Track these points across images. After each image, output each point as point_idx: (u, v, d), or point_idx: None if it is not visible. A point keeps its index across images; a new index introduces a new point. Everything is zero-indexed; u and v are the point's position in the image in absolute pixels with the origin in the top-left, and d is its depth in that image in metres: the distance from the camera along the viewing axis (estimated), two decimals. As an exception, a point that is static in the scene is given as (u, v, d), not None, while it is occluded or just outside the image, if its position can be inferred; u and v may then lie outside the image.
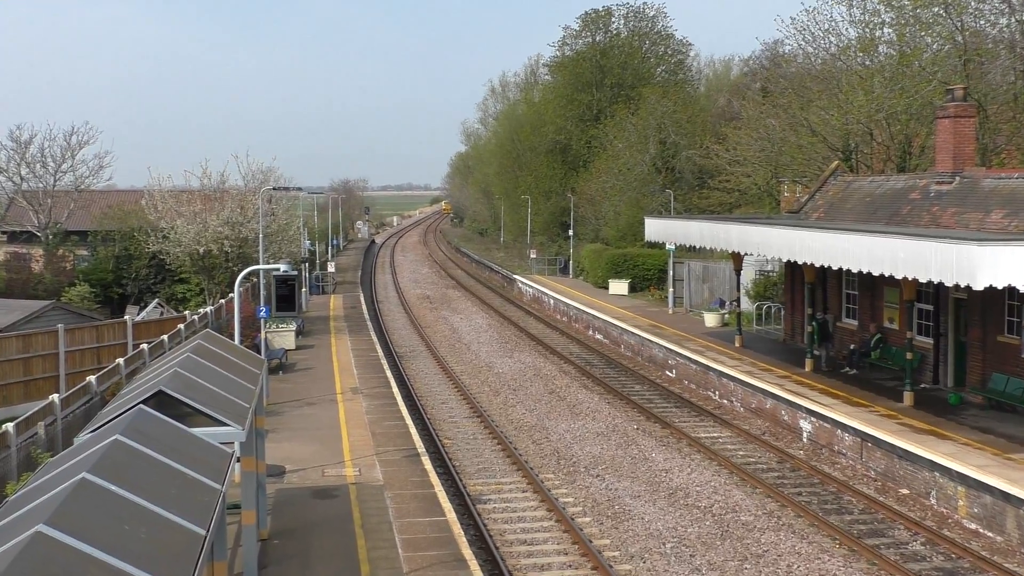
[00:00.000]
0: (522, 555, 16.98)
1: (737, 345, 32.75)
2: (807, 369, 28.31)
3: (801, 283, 32.33)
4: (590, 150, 69.51)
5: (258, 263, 33.33)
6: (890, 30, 34.27)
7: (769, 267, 39.99)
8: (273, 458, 21.07)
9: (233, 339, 23.08)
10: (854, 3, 35.33)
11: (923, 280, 19.75)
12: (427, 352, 40.00)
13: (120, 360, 24.09)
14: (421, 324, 48.34)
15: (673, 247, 41.63)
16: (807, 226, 25.52)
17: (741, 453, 23.76)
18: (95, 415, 14.68)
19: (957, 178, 26.29)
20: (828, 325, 29.93)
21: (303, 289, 51.33)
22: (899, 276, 20.58)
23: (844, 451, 22.59)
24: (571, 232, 63.59)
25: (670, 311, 42.84)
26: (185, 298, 45.16)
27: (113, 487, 7.45)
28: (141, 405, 10.72)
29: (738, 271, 33.70)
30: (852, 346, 28.51)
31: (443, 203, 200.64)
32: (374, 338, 40.12)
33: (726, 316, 38.62)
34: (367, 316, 47.93)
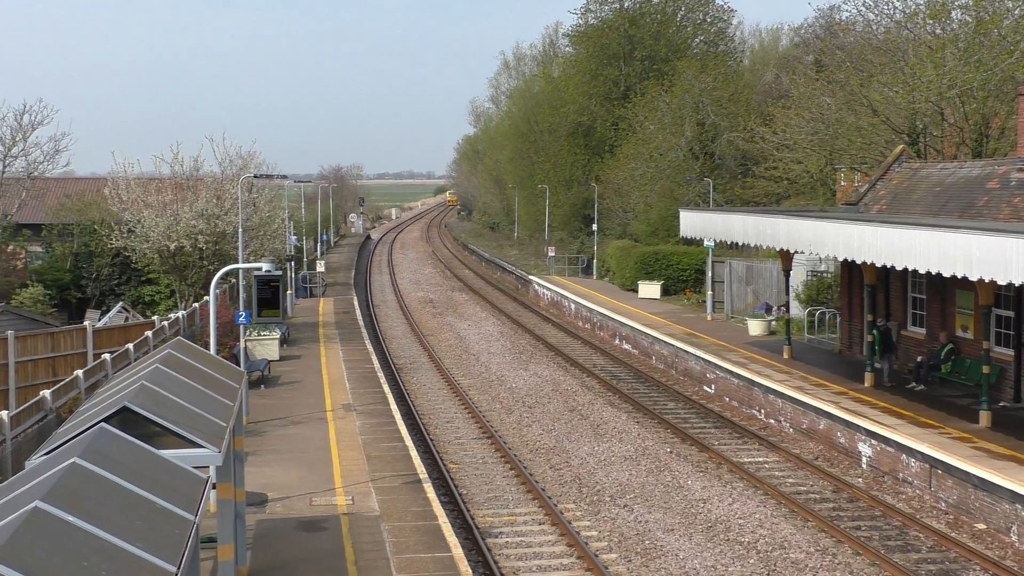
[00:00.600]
0: (538, 597, 16.98)
1: (786, 357, 32.65)
2: (867, 384, 28.19)
3: (860, 286, 32.20)
4: (617, 133, 69.50)
5: (237, 261, 33.46)
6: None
7: (823, 267, 39.86)
8: (254, 484, 21.10)
9: (208, 348, 23.14)
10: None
11: (1002, 282, 19.62)
12: (430, 364, 40.06)
13: (79, 372, 24.19)
14: (423, 332, 48.40)
15: (712, 244, 41.58)
16: (867, 220, 25.41)
17: (790, 481, 23.67)
18: (50, 435, 14.74)
19: (1041, 164, 26.14)
20: (891, 334, 29.77)
21: (288, 292, 51.54)
22: (974, 278, 20.46)
23: (910, 479, 22.46)
24: (595, 227, 63.64)
25: (708, 317, 42.77)
26: (154, 301, 45.35)
27: (70, 518, 7.45)
28: (103, 423, 10.75)
29: (787, 272, 33.59)
30: (919, 358, 28.38)
31: (448, 193, 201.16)
32: (369, 348, 40.19)
33: (773, 323, 38.51)
34: (362, 323, 48.05)
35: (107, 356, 26.52)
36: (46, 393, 21.94)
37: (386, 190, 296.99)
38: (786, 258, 33.09)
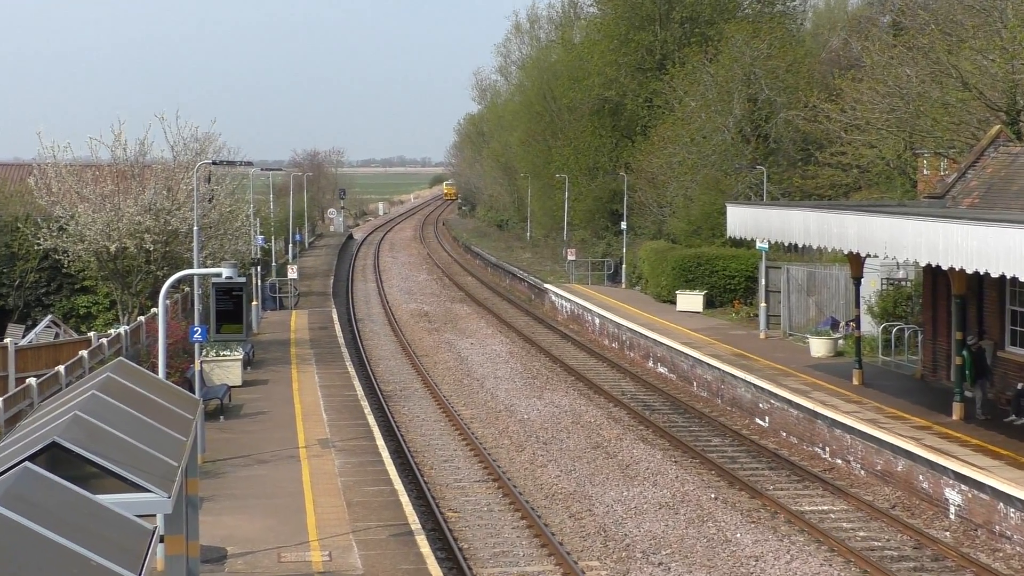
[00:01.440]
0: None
1: (856, 383, 32.60)
2: (955, 417, 28.10)
3: (947, 296, 32.09)
4: (651, 111, 69.51)
5: (192, 266, 33.53)
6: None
7: (901, 274, 39.77)
8: (211, 537, 21.11)
9: (156, 372, 23.18)
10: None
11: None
12: (424, 390, 40.09)
13: None
14: (416, 351, 48.45)
15: (766, 246, 41.48)
16: (955, 216, 25.36)
17: (862, 534, 23.60)
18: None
19: None
20: (985, 355, 29.66)
21: (254, 303, 51.65)
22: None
23: (1009, 533, 22.36)
24: (623, 225, 63.67)
25: (762, 335, 42.76)
26: (90, 314, 45.48)
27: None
28: (27, 463, 10.75)
29: (857, 279, 33.52)
30: (1020, 385, 28.27)
31: (445, 185, 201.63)
32: (351, 371, 40.24)
33: (840, 342, 38.44)
34: (342, 340, 48.14)
35: (32, 381, 26.59)
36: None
37: (372, 180, 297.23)
38: (856, 263, 33.01)
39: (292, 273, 61.99)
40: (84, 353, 30.12)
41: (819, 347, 38.07)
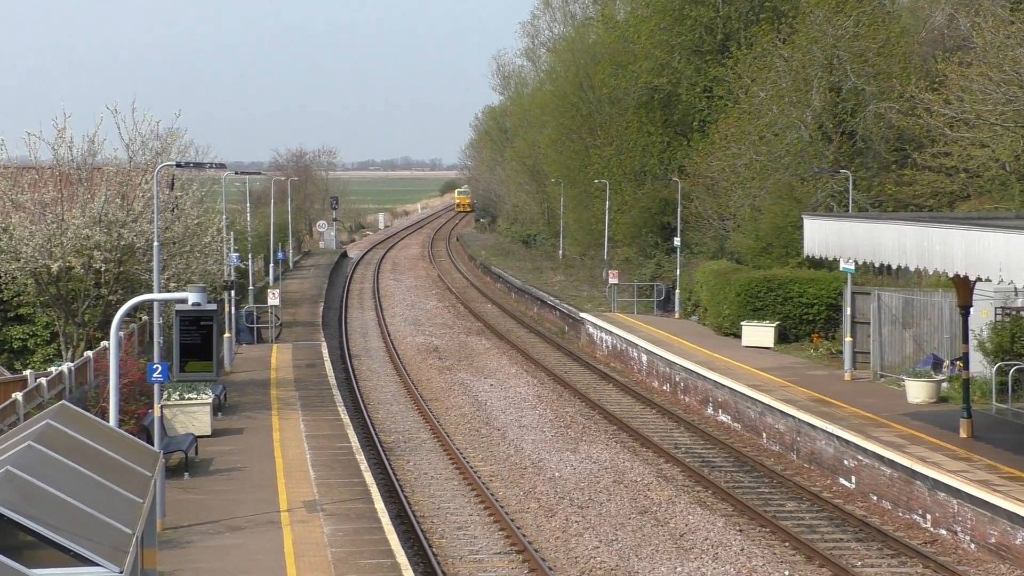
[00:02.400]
0: None
1: (963, 435, 32.37)
2: (1087, 478, 27.83)
3: (1076, 330, 31.87)
4: (711, 103, 69.49)
5: (151, 290, 33.61)
6: None
7: (1020, 301, 39.51)
8: (170, 621, 21.04)
9: (107, 418, 23.19)
10: None
11: None
12: (433, 441, 40.05)
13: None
14: (424, 394, 48.45)
15: (852, 267, 41.32)
16: (1087, 231, 25.16)
17: (972, 623, 23.37)
18: None
19: None
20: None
21: (227, 335, 51.73)
22: None
23: None
24: (677, 241, 63.61)
25: (847, 375, 42.56)
26: (26, 348, 45.61)
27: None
28: (-52, 528, 10.70)
29: (965, 309, 33.31)
30: None
31: (457, 193, 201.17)
32: (344, 418, 40.21)
33: (944, 385, 38.17)
34: (333, 381, 48.15)
35: (-42, 428, 26.60)
36: None
37: (371, 186, 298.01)
38: (964, 289, 32.80)
39: (273, 299, 62.06)
40: (18, 396, 30.14)
41: (917, 391, 37.78)
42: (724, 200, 62.55)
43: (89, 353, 37.22)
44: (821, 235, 35.28)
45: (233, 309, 55.23)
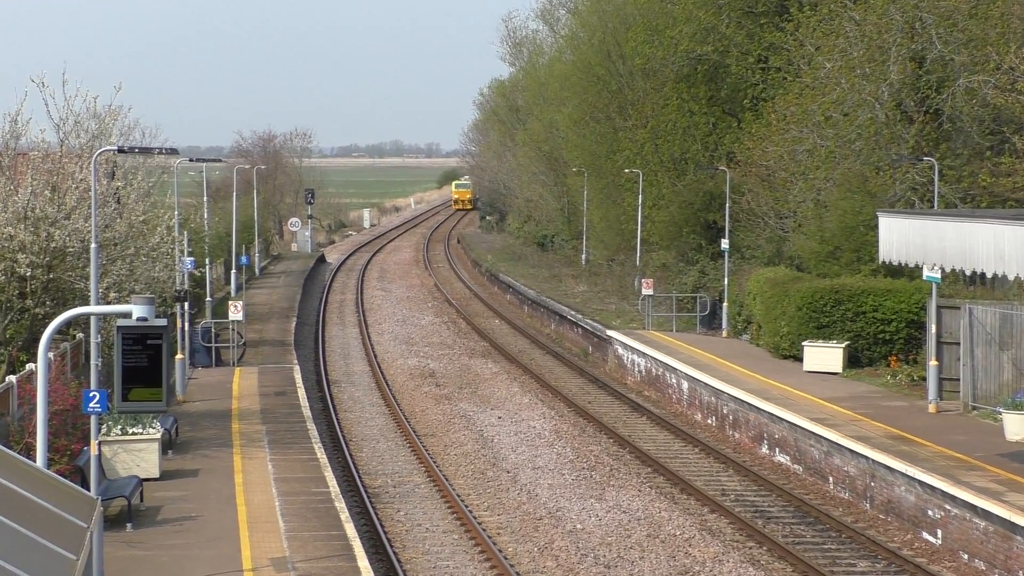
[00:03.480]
0: None
1: (1074, 481, 32.21)
2: None
3: None
4: (766, 76, 69.31)
5: (87, 302, 33.56)
6: None
7: None
8: None
9: (33, 457, 23.09)
10: None
11: None
12: (429, 486, 40.02)
13: None
14: (418, 429, 48.43)
15: (938, 275, 41.19)
16: None
17: None
18: None
19: None
20: None
21: (179, 356, 51.63)
22: None
23: None
24: (725, 243, 63.39)
25: (931, 407, 42.42)
26: (-63, 371, 45.55)
27: None
28: None
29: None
30: None
31: (455, 186, 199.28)
32: (321, 457, 40.12)
33: (1051, 420, 38.01)
34: (307, 412, 48.06)
35: None
36: None
37: (355, 176, 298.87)
38: (1074, 302, 32.66)
39: (236, 313, 61.96)
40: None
41: (1018, 427, 37.63)
42: (782, 194, 62.37)
43: (12, 378, 37.11)
44: (900, 236, 35.19)
45: (187, 325, 55.18)
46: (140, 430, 36.93)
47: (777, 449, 42.69)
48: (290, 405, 49.39)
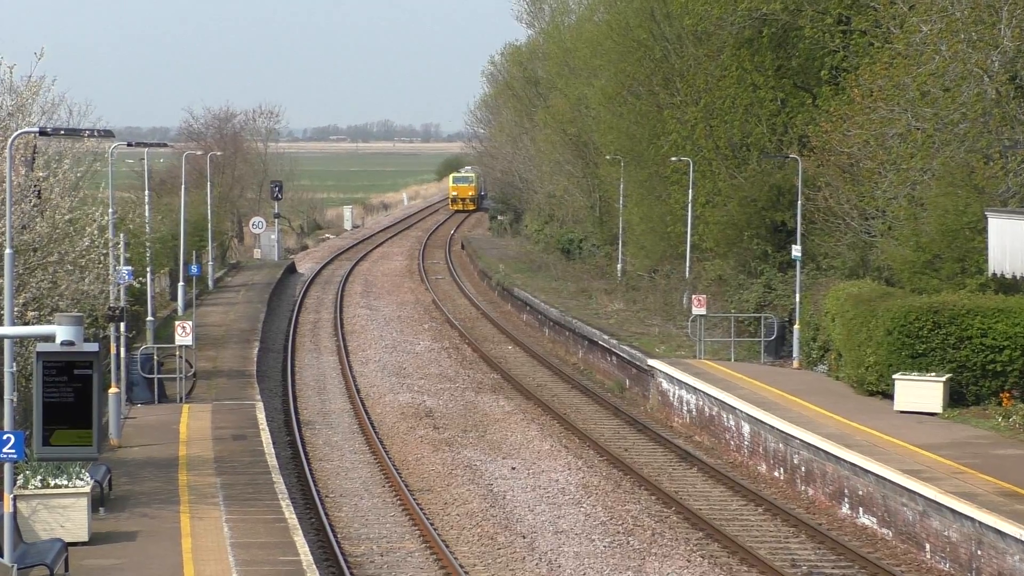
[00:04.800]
0: None
1: None
2: None
3: None
4: (847, 42, 69.31)
5: (0, 321, 33.72)
6: None
7: None
8: None
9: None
10: None
11: None
12: (425, 553, 40.09)
13: None
14: (411, 482, 48.56)
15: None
16: None
17: None
18: None
19: None
20: None
21: (113, 390, 51.67)
22: None
23: None
24: (797, 251, 63.25)
25: (1055, 457, 42.38)
26: None
27: None
28: None
29: None
30: None
31: (454, 179, 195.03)
32: (290, 518, 40.20)
33: None
34: (273, 461, 48.09)
35: None
36: None
37: (333, 165, 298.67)
38: None
39: (184, 336, 62.07)
40: None
41: None
42: (868, 188, 62.28)
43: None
44: (1014, 242, 35.31)
45: (123, 351, 55.27)
46: (65, 482, 36.98)
47: (860, 509, 42.62)
48: (251, 452, 49.41)
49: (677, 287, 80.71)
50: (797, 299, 63.11)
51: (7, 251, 31.21)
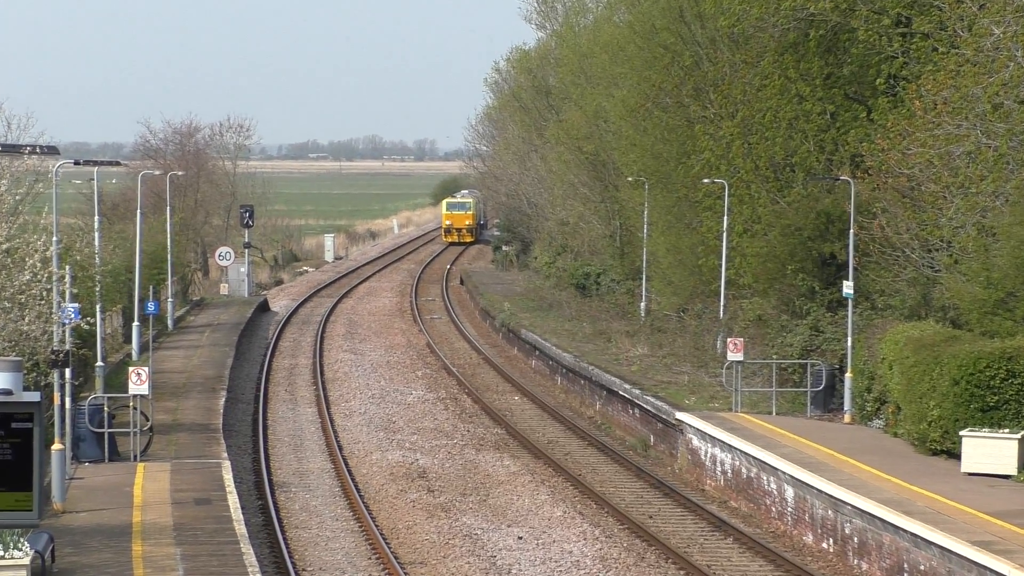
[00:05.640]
0: None
1: None
2: None
3: None
4: (907, 46, 69.36)
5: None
6: None
7: None
8: None
9: None
10: None
11: None
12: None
13: None
14: (402, 554, 48.65)
15: None
16: None
17: None
18: None
19: None
20: None
21: (56, 446, 51.61)
22: None
23: None
24: (848, 287, 63.17)
25: None
26: None
27: None
28: None
29: None
30: None
31: (447, 205, 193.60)
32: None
33: None
34: (242, 529, 48.06)
35: None
36: None
37: (314, 187, 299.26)
38: None
39: (139, 384, 62.02)
40: None
41: None
42: (931, 215, 62.23)
43: None
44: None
45: (68, 401, 55.24)
46: (0, 552, 36.98)
47: (922, 587, 42.57)
48: (217, 518, 49.35)
49: (710, 329, 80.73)
50: (849, 343, 63.06)
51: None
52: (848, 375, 62.69)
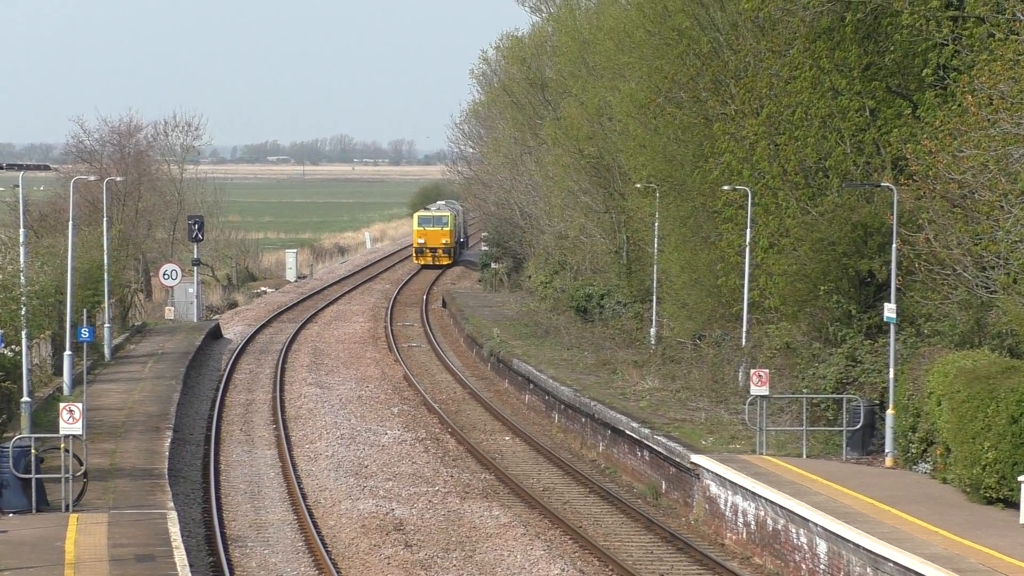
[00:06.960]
0: None
1: None
2: None
3: None
4: (958, 33, 69.45)
5: None
6: None
7: None
8: None
9: None
10: None
11: None
12: None
13: None
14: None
15: None
16: None
17: None
18: None
19: None
20: None
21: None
22: None
23: None
24: (890, 310, 63.15)
25: None
26: None
27: None
28: None
29: None
30: None
31: (419, 219, 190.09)
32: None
33: None
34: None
35: None
36: None
37: (273, 195, 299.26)
38: None
39: (71, 423, 62.12)
40: None
41: None
42: (985, 228, 62.22)
43: None
44: None
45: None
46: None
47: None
48: (161, 578, 49.43)
49: (730, 359, 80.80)
50: (891, 375, 63.00)
51: None
52: (890, 412, 62.58)
